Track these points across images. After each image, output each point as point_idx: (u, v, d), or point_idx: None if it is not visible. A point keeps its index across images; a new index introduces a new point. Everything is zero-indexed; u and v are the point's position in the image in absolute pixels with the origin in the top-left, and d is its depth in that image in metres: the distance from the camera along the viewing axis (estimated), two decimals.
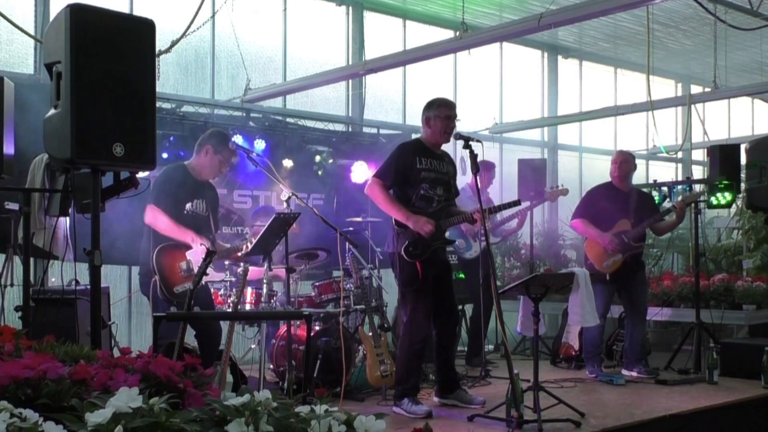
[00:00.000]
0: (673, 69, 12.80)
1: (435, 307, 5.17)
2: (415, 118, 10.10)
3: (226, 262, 5.63)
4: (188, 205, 5.15)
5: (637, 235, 6.40)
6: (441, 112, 5.21)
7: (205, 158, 5.27)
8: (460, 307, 7.88)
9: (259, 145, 7.62)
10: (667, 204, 7.04)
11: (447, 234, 5.35)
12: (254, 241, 5.20)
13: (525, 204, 7.59)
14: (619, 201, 6.49)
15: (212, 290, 5.56)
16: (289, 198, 5.32)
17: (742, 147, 6.93)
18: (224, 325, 5.12)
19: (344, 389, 5.28)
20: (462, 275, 7.15)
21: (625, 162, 6.55)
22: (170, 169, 5.39)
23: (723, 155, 6.96)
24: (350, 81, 9.34)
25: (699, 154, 12.86)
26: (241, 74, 8.46)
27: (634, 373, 6.31)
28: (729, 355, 6.40)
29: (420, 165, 5.10)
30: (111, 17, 3.60)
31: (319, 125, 8.68)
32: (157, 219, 5.03)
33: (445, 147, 5.43)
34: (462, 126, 9.93)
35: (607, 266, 6.30)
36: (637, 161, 6.91)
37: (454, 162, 5.48)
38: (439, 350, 5.27)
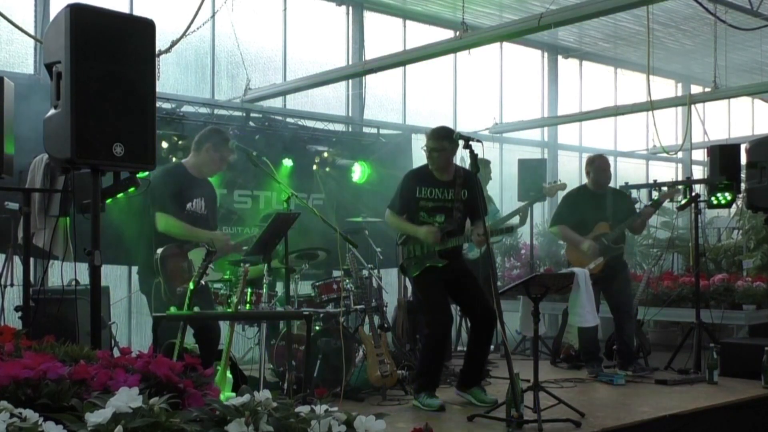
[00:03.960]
0: (673, 69, 12.80)
1: (467, 310, 5.60)
2: (415, 118, 10.19)
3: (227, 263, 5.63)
4: (189, 205, 5.15)
5: (616, 237, 6.46)
6: (426, 145, 5.35)
7: (206, 156, 5.26)
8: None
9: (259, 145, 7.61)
10: (667, 204, 7.10)
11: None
12: None
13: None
14: (596, 204, 6.58)
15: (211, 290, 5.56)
16: (289, 198, 5.32)
17: (742, 147, 6.93)
18: (224, 325, 5.12)
19: (344, 389, 5.28)
20: None
21: (599, 170, 6.62)
22: (168, 169, 5.37)
23: (723, 155, 6.96)
24: (350, 81, 9.33)
25: (699, 154, 12.86)
26: (241, 74, 8.46)
27: (630, 372, 6.32)
28: (729, 355, 6.40)
29: (419, 194, 5.31)
30: (111, 17, 3.59)
31: (319, 125, 8.68)
32: (169, 225, 5.03)
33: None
34: (462, 126, 10.04)
35: (590, 269, 6.32)
36: (638, 161, 6.96)
37: (470, 180, 5.29)
38: (470, 346, 5.51)
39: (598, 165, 6.63)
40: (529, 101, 11.62)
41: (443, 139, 5.23)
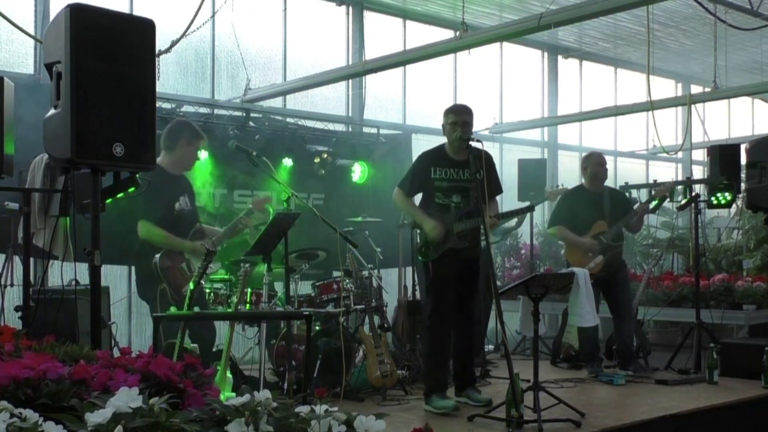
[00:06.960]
0: (673, 69, 12.80)
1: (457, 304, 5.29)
2: (415, 118, 10.19)
3: (226, 262, 5.63)
4: (177, 205, 5.18)
5: (615, 235, 6.47)
6: (448, 119, 5.22)
7: (181, 151, 5.27)
8: None
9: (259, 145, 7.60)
10: (667, 204, 7.11)
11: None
12: None
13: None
14: (593, 203, 6.60)
15: (211, 289, 5.56)
16: (289, 198, 5.32)
17: (742, 147, 6.93)
18: (224, 325, 5.13)
19: (344, 389, 5.28)
20: None
21: (596, 165, 6.63)
22: (148, 175, 5.38)
23: (723, 155, 6.96)
24: (350, 81, 9.33)
25: (699, 154, 12.87)
26: (241, 74, 8.46)
27: (630, 372, 6.32)
28: (729, 355, 6.40)
29: (434, 175, 5.20)
30: (111, 17, 3.59)
31: (319, 125, 8.68)
32: (151, 234, 5.04)
33: None
34: None
35: (590, 269, 6.31)
36: (638, 161, 6.96)
37: (489, 161, 5.24)
38: (453, 348, 5.36)
39: (595, 161, 6.64)
40: (529, 101, 11.63)
41: (463, 112, 5.20)
